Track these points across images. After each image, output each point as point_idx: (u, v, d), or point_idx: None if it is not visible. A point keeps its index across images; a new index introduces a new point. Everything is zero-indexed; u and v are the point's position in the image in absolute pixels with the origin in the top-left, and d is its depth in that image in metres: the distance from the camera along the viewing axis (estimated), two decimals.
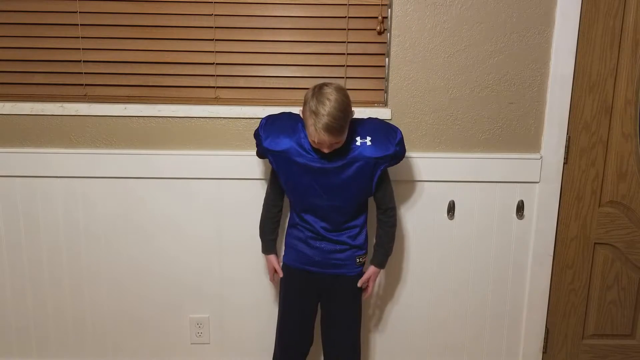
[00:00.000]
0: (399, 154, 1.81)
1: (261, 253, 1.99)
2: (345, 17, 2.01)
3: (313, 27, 2.02)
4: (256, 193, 2.00)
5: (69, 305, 2.19)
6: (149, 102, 2.05)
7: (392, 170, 1.88)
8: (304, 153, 1.76)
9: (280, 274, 1.94)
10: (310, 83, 1.77)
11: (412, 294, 2.21)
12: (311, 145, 1.73)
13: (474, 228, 2.15)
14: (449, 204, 2.12)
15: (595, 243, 2.21)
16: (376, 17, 2.01)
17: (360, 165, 1.76)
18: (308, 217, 1.85)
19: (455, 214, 2.13)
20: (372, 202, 1.91)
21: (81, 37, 2.02)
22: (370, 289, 1.94)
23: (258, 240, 1.97)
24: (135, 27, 2.02)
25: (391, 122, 1.93)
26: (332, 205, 1.81)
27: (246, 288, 2.18)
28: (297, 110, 1.80)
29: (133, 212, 2.11)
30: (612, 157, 2.13)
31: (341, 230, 1.86)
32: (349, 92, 1.73)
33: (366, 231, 1.91)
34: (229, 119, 2.05)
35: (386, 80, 2.05)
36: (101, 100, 2.06)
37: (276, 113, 1.90)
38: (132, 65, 2.04)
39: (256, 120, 1.93)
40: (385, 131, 1.81)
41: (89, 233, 2.13)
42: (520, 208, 2.13)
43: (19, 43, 2.03)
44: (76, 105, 2.03)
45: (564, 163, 2.11)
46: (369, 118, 1.87)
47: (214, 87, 2.07)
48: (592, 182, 2.15)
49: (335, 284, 1.90)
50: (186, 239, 2.14)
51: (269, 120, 1.84)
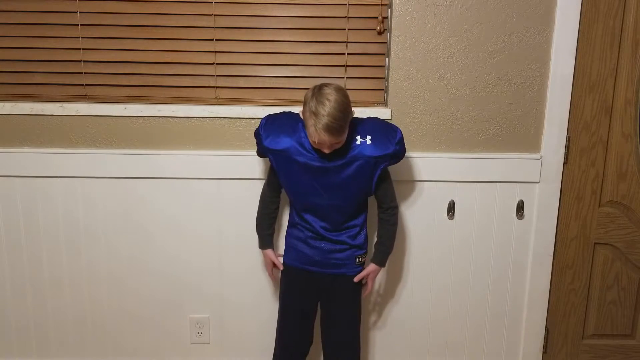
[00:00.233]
0: (399, 153, 1.82)
1: (259, 250, 1.99)
2: (345, 17, 2.01)
3: (313, 27, 2.02)
4: (256, 193, 1.99)
5: (69, 305, 2.19)
6: (149, 102, 2.05)
7: (392, 170, 1.88)
8: (305, 152, 1.76)
9: (280, 267, 1.94)
10: (310, 83, 1.77)
11: (412, 294, 2.21)
12: (311, 144, 1.74)
13: (474, 228, 2.15)
14: (449, 204, 2.12)
15: (595, 243, 2.21)
16: (376, 17, 2.01)
17: (360, 164, 1.76)
18: (308, 217, 1.86)
19: (455, 214, 2.14)
20: (372, 202, 1.91)
21: (81, 37, 2.02)
22: (370, 287, 1.94)
23: (257, 238, 1.97)
24: (135, 27, 2.02)
25: (391, 122, 1.93)
26: (332, 204, 1.82)
27: (246, 288, 2.18)
28: (297, 110, 1.80)
29: (133, 212, 2.11)
30: (612, 157, 2.13)
31: (341, 229, 1.86)
32: (349, 92, 1.73)
33: (366, 231, 1.91)
34: (229, 119, 2.05)
35: (386, 80, 2.05)
36: (101, 100, 2.06)
37: (276, 112, 1.90)
38: (132, 65, 2.04)
39: (256, 120, 1.93)
40: (385, 130, 1.81)
41: (89, 233, 2.13)
42: (520, 208, 2.13)
43: (19, 43, 2.03)
44: (76, 105, 2.03)
45: (564, 163, 2.11)
46: (369, 117, 1.88)
47: (214, 87, 2.07)
48: (592, 182, 2.15)
49: (335, 284, 1.90)
50: (186, 239, 2.14)
51: (269, 119, 1.85)
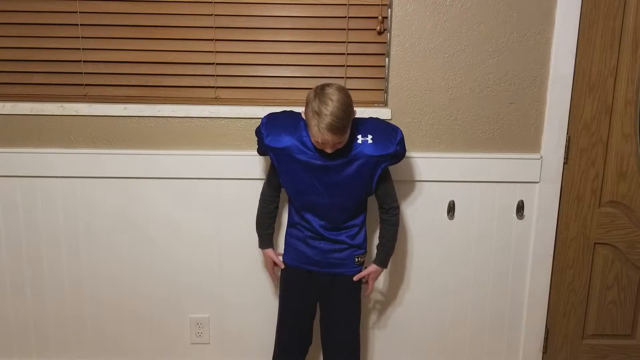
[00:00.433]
0: (399, 153, 1.82)
1: (259, 250, 1.99)
2: (345, 17, 2.01)
3: (313, 27, 2.02)
4: (256, 193, 1.99)
5: (69, 305, 2.19)
6: (149, 102, 2.05)
7: (393, 170, 1.88)
8: (306, 150, 1.77)
9: (281, 265, 1.94)
10: (310, 83, 1.77)
11: (412, 293, 2.21)
12: (313, 144, 1.74)
13: (474, 228, 2.15)
14: (449, 204, 2.12)
15: (595, 243, 2.21)
16: (376, 17, 2.01)
17: (361, 163, 1.77)
18: (307, 216, 1.86)
19: (455, 214, 2.13)
20: (373, 202, 1.91)
21: (81, 37, 2.02)
22: (370, 286, 1.95)
23: (257, 238, 1.98)
24: (135, 27, 2.02)
25: (391, 122, 1.93)
26: (332, 203, 1.81)
27: (246, 288, 2.18)
28: (298, 110, 1.80)
29: (133, 212, 2.11)
30: (612, 157, 2.13)
31: (340, 229, 1.86)
32: (349, 92, 1.73)
33: (365, 231, 1.91)
34: (229, 119, 2.05)
35: (386, 80, 2.05)
36: (101, 100, 2.06)
37: (277, 112, 1.90)
38: (132, 65, 2.04)
39: (256, 120, 1.93)
40: (386, 130, 1.81)
41: (89, 233, 2.13)
42: (520, 208, 2.13)
43: (19, 43, 2.03)
44: (76, 105, 2.03)
45: (564, 163, 2.11)
46: (370, 117, 1.88)
47: (214, 87, 2.07)
48: (592, 182, 2.15)
49: (334, 284, 1.90)
50: (186, 239, 2.14)
51: (271, 117, 1.85)
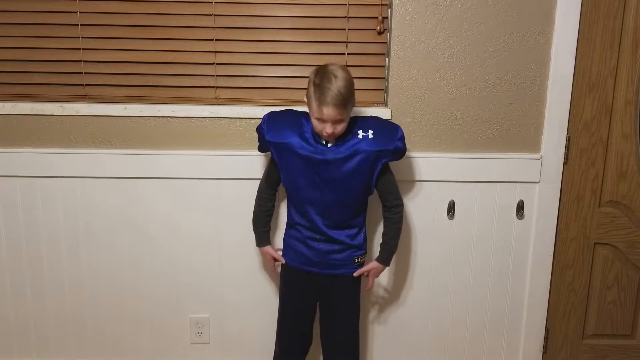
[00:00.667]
0: (400, 149, 1.82)
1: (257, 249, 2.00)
2: (345, 17, 2.01)
3: (313, 27, 2.02)
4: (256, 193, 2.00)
5: (69, 305, 2.19)
6: (149, 102, 2.05)
7: (393, 169, 1.88)
8: (307, 145, 1.77)
9: (281, 260, 1.94)
10: None
11: (412, 293, 2.21)
12: (313, 137, 1.75)
13: (474, 228, 2.15)
14: (449, 204, 2.12)
15: (595, 243, 2.21)
16: (376, 17, 2.01)
17: (361, 158, 1.77)
18: (307, 214, 1.85)
19: (455, 214, 2.13)
20: (374, 202, 1.91)
21: (81, 37, 2.02)
22: (370, 283, 1.95)
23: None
24: (135, 27, 2.02)
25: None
26: (332, 199, 1.81)
27: (246, 288, 2.18)
28: (298, 109, 1.80)
29: (133, 212, 2.11)
30: (612, 157, 2.13)
31: (340, 227, 1.86)
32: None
33: (365, 231, 1.91)
34: (229, 119, 2.05)
35: (386, 80, 2.05)
36: (101, 100, 2.06)
37: (278, 110, 1.90)
38: (132, 65, 2.04)
39: (256, 120, 1.93)
40: (386, 127, 1.83)
41: (89, 233, 2.13)
42: (520, 208, 2.13)
43: (19, 43, 2.03)
44: (76, 105, 2.03)
45: (564, 163, 2.11)
46: (371, 116, 1.89)
47: (214, 87, 2.07)
48: (592, 182, 2.15)
49: (334, 284, 1.90)
50: (186, 239, 2.14)
51: (272, 115, 1.86)
